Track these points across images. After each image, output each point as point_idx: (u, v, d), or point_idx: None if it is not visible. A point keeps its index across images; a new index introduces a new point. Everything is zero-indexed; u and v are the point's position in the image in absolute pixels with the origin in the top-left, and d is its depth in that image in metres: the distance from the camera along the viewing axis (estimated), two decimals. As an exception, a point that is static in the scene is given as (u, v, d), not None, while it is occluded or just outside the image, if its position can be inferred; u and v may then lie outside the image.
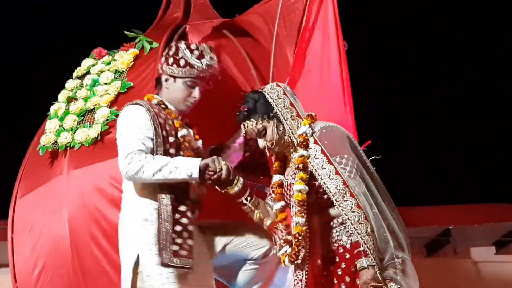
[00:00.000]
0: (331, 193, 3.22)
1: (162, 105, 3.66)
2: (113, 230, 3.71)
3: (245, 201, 3.46)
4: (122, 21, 4.75)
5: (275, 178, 3.51)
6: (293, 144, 3.40)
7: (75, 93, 4.31)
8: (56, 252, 4.04)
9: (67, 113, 4.23)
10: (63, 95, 4.35)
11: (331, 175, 3.24)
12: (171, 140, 3.54)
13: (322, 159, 3.28)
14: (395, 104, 7.55)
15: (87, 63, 4.44)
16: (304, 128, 3.36)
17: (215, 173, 3.40)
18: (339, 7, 3.97)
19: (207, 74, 3.68)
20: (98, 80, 4.29)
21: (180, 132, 3.59)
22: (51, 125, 4.23)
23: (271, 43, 4.19)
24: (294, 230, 3.29)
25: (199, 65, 3.65)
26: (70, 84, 4.40)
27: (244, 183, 3.47)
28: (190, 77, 3.65)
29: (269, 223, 3.49)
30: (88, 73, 4.38)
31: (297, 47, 4.07)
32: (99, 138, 4.02)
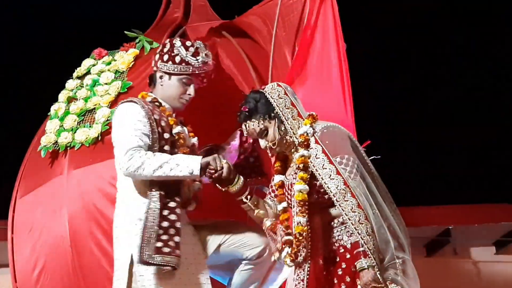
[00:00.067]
0: (331, 193, 3.21)
1: (156, 103, 3.64)
2: (113, 230, 3.70)
3: (245, 199, 3.46)
4: (122, 21, 4.75)
5: (276, 178, 3.50)
6: (294, 144, 3.40)
7: (75, 93, 4.31)
8: (56, 252, 4.04)
9: (67, 113, 4.23)
10: (63, 95, 4.35)
11: (332, 175, 3.23)
12: (166, 136, 3.52)
13: (323, 159, 3.28)
14: (396, 105, 7.55)
15: (87, 63, 4.44)
16: (305, 128, 3.36)
17: (216, 171, 3.40)
18: (341, 8, 3.96)
19: (202, 71, 3.67)
20: (98, 80, 4.29)
21: (174, 129, 3.57)
22: (51, 125, 4.24)
23: (270, 44, 4.19)
24: (295, 230, 3.28)
25: (195, 62, 3.63)
26: (70, 84, 4.40)
27: (244, 181, 3.47)
28: (185, 74, 3.64)
29: (268, 224, 3.49)
30: (88, 73, 4.39)
31: (296, 48, 4.07)
32: (100, 138, 4.03)
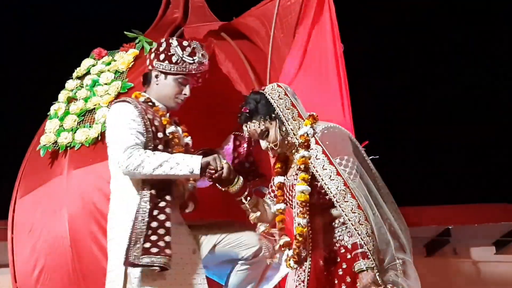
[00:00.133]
0: (331, 194, 3.20)
1: (149, 103, 3.62)
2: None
3: (244, 200, 3.45)
4: (122, 21, 4.76)
5: (276, 180, 3.49)
6: (295, 144, 3.38)
7: (75, 93, 4.31)
8: (56, 252, 4.05)
9: (67, 113, 4.24)
10: (63, 95, 4.35)
11: (332, 176, 3.22)
12: (160, 136, 3.50)
13: (323, 160, 3.27)
14: (395, 104, 7.54)
15: (87, 63, 4.44)
16: (305, 128, 3.35)
17: (216, 172, 3.40)
18: (339, 6, 3.95)
19: (198, 71, 3.64)
20: (98, 80, 4.29)
21: (168, 129, 3.55)
22: (51, 125, 4.24)
23: (268, 45, 4.18)
24: (295, 231, 3.28)
25: (191, 62, 3.61)
26: (70, 84, 4.41)
27: (243, 182, 3.46)
28: (181, 74, 3.61)
29: (262, 229, 3.48)
30: (88, 73, 4.39)
31: (291, 47, 4.06)
32: (99, 138, 4.04)
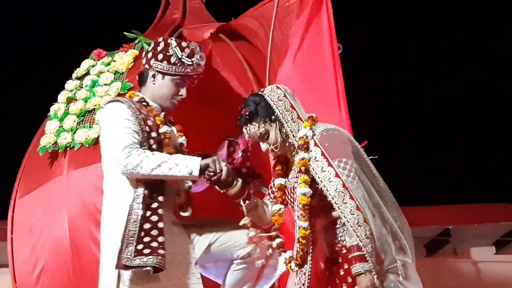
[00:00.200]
0: (330, 196, 3.19)
1: (143, 102, 3.61)
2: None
3: (242, 202, 3.44)
4: (121, 22, 4.76)
5: (277, 181, 3.49)
6: (295, 146, 3.38)
7: (74, 94, 4.31)
8: (56, 252, 4.06)
9: (67, 113, 4.24)
10: (63, 96, 4.36)
11: (330, 178, 3.21)
12: (154, 135, 3.49)
13: (322, 162, 3.25)
14: (394, 101, 7.55)
15: (86, 64, 4.45)
16: (304, 130, 3.33)
17: (215, 174, 3.39)
18: (338, 3, 3.95)
19: (196, 73, 3.63)
20: (97, 81, 4.29)
21: (161, 129, 3.54)
22: (51, 125, 4.25)
23: (267, 46, 4.18)
24: (297, 234, 3.27)
25: (190, 64, 3.60)
26: (69, 84, 4.41)
27: (242, 185, 3.45)
28: (179, 75, 3.60)
29: (251, 235, 3.46)
30: (87, 74, 4.39)
31: (287, 47, 4.05)
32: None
